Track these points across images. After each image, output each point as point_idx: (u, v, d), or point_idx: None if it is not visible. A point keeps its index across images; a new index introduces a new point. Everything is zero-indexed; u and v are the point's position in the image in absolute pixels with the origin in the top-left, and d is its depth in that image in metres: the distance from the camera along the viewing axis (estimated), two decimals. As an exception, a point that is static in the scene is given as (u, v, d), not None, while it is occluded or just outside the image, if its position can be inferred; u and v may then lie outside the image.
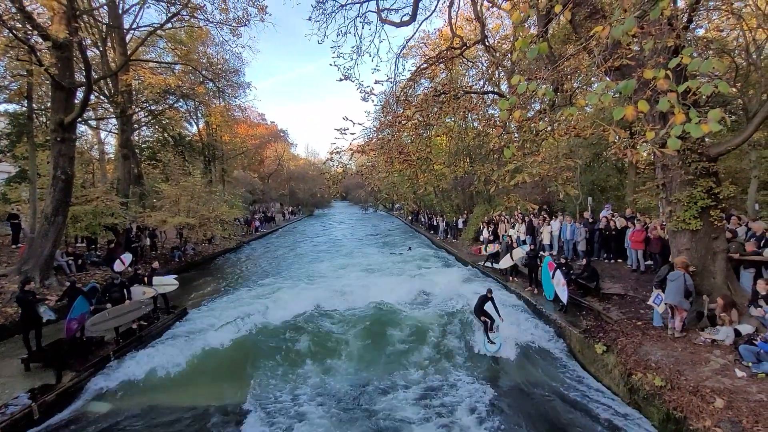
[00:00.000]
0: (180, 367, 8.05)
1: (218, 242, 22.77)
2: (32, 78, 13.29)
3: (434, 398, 7.02)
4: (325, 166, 10.73)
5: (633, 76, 3.20)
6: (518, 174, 6.64)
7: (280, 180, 52.15)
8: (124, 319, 9.08)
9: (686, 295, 6.96)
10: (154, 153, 25.47)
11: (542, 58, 9.11)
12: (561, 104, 7.05)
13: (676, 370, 6.13)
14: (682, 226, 7.61)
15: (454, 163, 23.28)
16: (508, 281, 13.43)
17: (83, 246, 16.64)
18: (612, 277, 10.95)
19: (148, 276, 11.04)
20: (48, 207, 11.63)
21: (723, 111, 2.58)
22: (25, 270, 11.17)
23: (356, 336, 9.80)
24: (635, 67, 6.40)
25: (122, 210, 15.53)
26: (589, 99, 3.03)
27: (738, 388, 5.45)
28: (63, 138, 11.70)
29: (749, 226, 8.90)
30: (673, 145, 2.72)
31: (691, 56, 2.85)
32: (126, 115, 17.98)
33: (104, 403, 7.00)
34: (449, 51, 9.96)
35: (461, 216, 24.56)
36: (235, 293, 14.06)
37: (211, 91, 25.49)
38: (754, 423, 4.78)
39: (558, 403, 6.71)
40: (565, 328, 9.07)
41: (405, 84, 10.08)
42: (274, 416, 6.45)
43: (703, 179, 7.46)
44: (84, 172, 19.14)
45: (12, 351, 8.43)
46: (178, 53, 21.33)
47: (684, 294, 6.93)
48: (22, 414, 6.15)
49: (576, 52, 6.51)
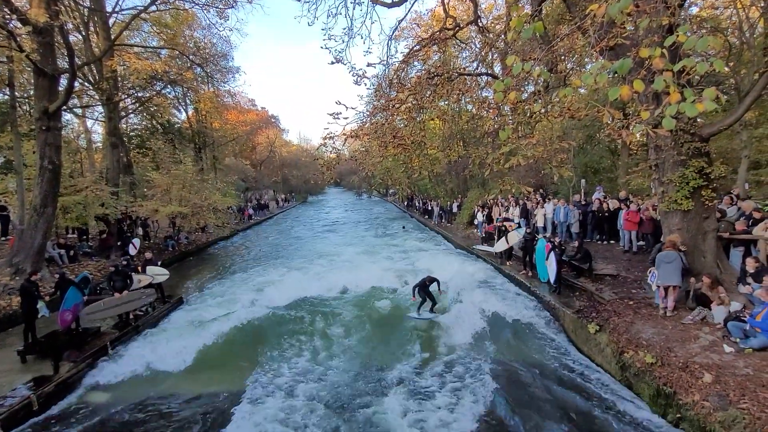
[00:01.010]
0: (176, 356, 8.06)
1: (212, 231, 22.65)
2: (13, 65, 12.85)
3: (427, 375, 7.17)
4: (318, 151, 10.63)
5: (628, 55, 3.17)
6: (513, 157, 6.63)
7: (273, 167, 51.68)
8: (121, 309, 9.06)
9: (683, 275, 7.05)
10: (143, 141, 24.98)
11: (536, 39, 8.99)
12: (555, 85, 6.99)
13: (666, 348, 6.28)
14: (674, 206, 7.67)
15: (448, 147, 23.17)
16: (503, 264, 13.56)
17: (74, 237, 16.46)
18: (605, 258, 11.10)
19: (141, 265, 11.00)
20: (36, 198, 11.43)
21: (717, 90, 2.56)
22: (16, 262, 11.04)
23: (350, 320, 9.93)
24: (630, 47, 6.34)
25: (113, 200, 15.32)
26: (584, 79, 2.99)
27: (726, 363, 5.61)
28: (48, 127, 11.41)
29: (739, 206, 9.03)
30: (668, 124, 2.70)
31: (686, 34, 2.81)
32: (112, 103, 17.55)
33: (103, 393, 7.04)
34: (442, 32, 9.78)
35: (455, 200, 24.61)
36: (230, 282, 14.08)
37: (199, 77, 24.91)
38: (740, 396, 4.93)
39: (551, 381, 6.87)
40: (558, 308, 9.23)
41: (398, 67, 9.92)
42: (269, 404, 6.51)
43: (695, 159, 7.49)
44: (72, 162, 18.71)
45: (6, 343, 8.41)
46: (164, 37, 20.71)
47: (682, 273, 7.02)
48: (21, 405, 6.15)
49: (570, 31, 6.42)
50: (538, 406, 6.21)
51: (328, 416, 6.12)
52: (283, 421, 6.02)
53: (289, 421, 6.03)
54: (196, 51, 21.92)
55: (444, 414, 6.06)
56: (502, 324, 9.35)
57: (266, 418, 6.06)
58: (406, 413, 6.08)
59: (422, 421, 5.90)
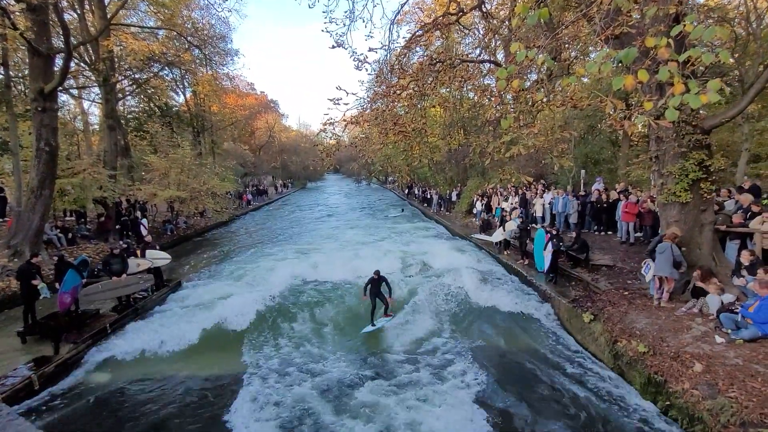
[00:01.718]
0: (174, 339, 8.13)
1: (210, 216, 22.63)
2: (7, 43, 12.63)
3: (425, 362, 7.27)
4: (318, 137, 10.54)
5: (633, 44, 3.12)
6: (514, 146, 6.59)
7: (272, 152, 51.32)
8: (119, 292, 9.12)
9: (675, 266, 7.14)
10: (140, 124, 24.74)
11: (540, 26, 8.84)
12: (558, 74, 6.91)
13: (659, 337, 6.38)
14: (672, 198, 7.68)
15: (448, 134, 23.02)
16: (501, 253, 13.64)
17: (72, 220, 16.42)
18: (602, 248, 11.17)
19: (141, 249, 11.00)
20: (33, 180, 11.36)
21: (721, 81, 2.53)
22: (14, 244, 11.04)
23: (348, 306, 9.99)
24: (635, 36, 6.25)
25: (111, 183, 15.24)
26: (588, 68, 2.96)
27: (716, 354, 5.70)
28: (44, 108, 11.26)
29: (737, 199, 9.04)
30: (671, 116, 2.69)
31: (693, 24, 2.77)
32: (109, 84, 17.29)
33: (102, 373, 7.13)
34: (445, 17, 9.60)
35: (455, 189, 24.58)
36: (229, 265, 14.12)
37: (197, 59, 24.52)
38: (729, 385, 5.03)
39: (544, 368, 6.99)
40: (554, 298, 9.32)
41: (399, 52, 9.76)
42: (267, 387, 6.61)
43: (696, 152, 7.47)
44: (69, 144, 18.60)
45: (6, 324, 8.46)
46: (161, 17, 20.29)
47: (673, 264, 7.11)
48: (22, 384, 6.24)
49: (576, 19, 6.31)
50: (530, 391, 6.33)
51: (324, 403, 6.19)
52: (280, 403, 6.13)
53: (286, 403, 6.14)
54: (194, 32, 21.53)
55: (437, 395, 6.18)
56: (495, 311, 9.46)
57: (265, 400, 6.17)
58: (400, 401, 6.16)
59: (414, 408, 5.97)
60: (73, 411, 6.08)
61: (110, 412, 6.12)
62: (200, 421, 5.85)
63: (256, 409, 5.99)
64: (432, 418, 5.66)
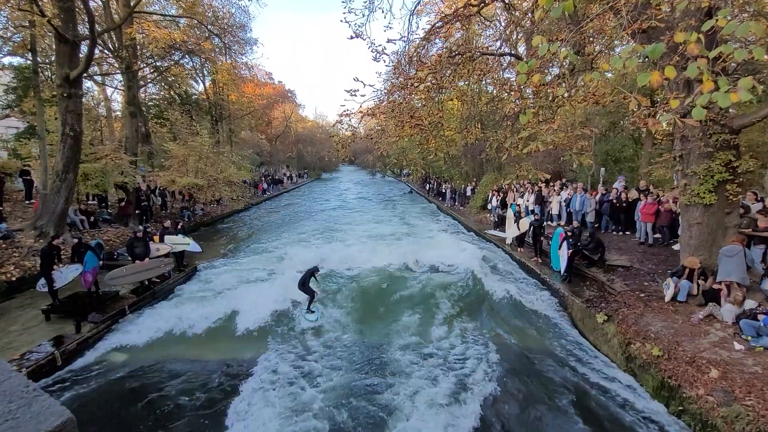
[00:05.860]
0: (190, 322, 8.37)
1: (226, 203, 23.01)
2: (35, 29, 12.96)
3: (438, 358, 7.28)
4: (333, 129, 10.55)
5: (661, 39, 3.00)
6: (532, 142, 6.47)
7: (288, 142, 51.59)
8: (141, 276, 9.43)
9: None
10: (161, 111, 25.20)
11: (564, 18, 8.60)
12: (581, 69, 6.73)
13: (674, 341, 6.24)
14: (695, 200, 7.45)
15: (465, 128, 22.69)
16: (515, 251, 13.49)
17: (94, 204, 16.92)
18: (619, 249, 10.93)
19: (159, 234, 11.29)
20: (59, 164, 11.72)
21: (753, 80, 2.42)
22: (39, 225, 11.45)
23: (362, 297, 10.04)
24: (664, 30, 6.03)
25: (131, 168, 15.61)
26: (613, 63, 2.87)
27: (734, 360, 5.56)
28: (69, 94, 11.56)
29: (765, 202, 8.71)
30: (698, 114, 2.59)
31: (726, 18, 2.65)
32: (131, 71, 17.62)
33: (121, 353, 7.39)
34: (466, 8, 9.42)
35: (470, 183, 24.32)
36: (245, 252, 14.37)
37: (217, 48, 24.72)
38: (746, 393, 4.90)
39: (555, 367, 6.93)
40: (567, 297, 9.19)
41: (418, 44, 9.64)
42: (281, 374, 6.76)
43: (723, 152, 7.20)
44: (92, 130, 19.03)
45: (31, 302, 8.83)
46: (183, 5, 20.49)
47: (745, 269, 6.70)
48: (46, 360, 6.54)
49: (602, 11, 6.11)
50: (540, 390, 6.29)
51: (336, 397, 6.24)
52: (292, 394, 6.25)
53: (299, 394, 6.26)
54: (214, 21, 21.69)
55: (450, 393, 6.20)
56: (506, 308, 9.38)
57: (274, 390, 6.31)
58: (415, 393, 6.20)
59: (426, 402, 6.00)
60: (90, 389, 6.34)
61: (125, 392, 6.36)
62: (212, 406, 6.01)
63: (265, 397, 6.11)
64: (440, 417, 5.67)
